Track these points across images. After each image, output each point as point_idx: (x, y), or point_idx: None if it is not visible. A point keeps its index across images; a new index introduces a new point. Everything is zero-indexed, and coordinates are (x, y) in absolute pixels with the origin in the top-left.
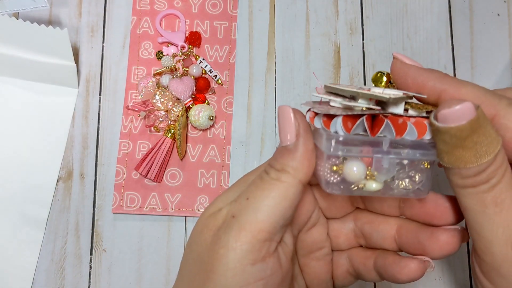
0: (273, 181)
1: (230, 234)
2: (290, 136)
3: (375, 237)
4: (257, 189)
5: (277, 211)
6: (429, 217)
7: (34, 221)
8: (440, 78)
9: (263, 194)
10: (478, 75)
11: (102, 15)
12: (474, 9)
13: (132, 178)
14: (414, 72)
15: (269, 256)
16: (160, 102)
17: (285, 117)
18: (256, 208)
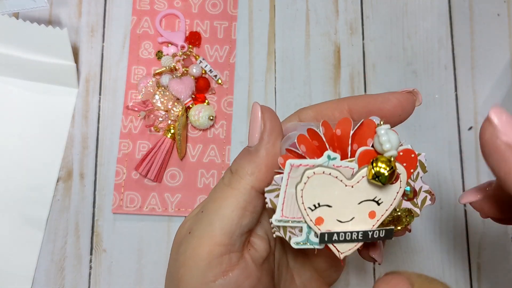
0: (225, 189)
1: (187, 251)
2: (253, 137)
3: None
4: (210, 199)
5: (231, 221)
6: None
7: (34, 221)
8: None
9: (215, 205)
10: (478, 75)
11: (102, 15)
12: (474, 9)
13: (132, 178)
14: None
15: (232, 269)
16: (160, 102)
17: (253, 116)
18: (209, 221)
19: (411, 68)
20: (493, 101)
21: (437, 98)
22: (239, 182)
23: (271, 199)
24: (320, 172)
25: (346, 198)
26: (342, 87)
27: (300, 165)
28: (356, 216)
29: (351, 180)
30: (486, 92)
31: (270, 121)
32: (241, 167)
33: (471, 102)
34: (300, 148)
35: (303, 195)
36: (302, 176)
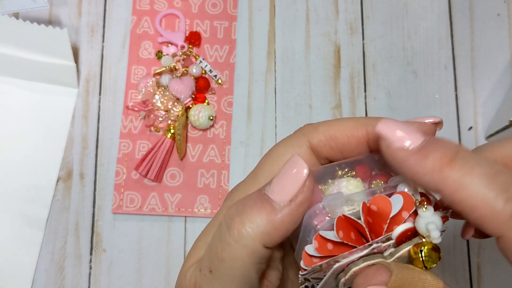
0: (235, 246)
1: None
2: (283, 196)
3: None
4: (217, 258)
5: (248, 279)
6: None
7: (34, 221)
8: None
9: (225, 266)
10: (478, 75)
11: (102, 15)
12: (474, 9)
13: (132, 178)
14: (411, 161)
15: None
16: (160, 102)
17: (292, 170)
18: (222, 285)
19: (411, 68)
20: (493, 101)
21: (437, 98)
22: (253, 240)
23: (305, 277)
24: (365, 266)
25: None
26: (342, 87)
27: (348, 263)
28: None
29: (390, 260)
30: (486, 92)
31: (309, 190)
32: (257, 222)
33: (471, 102)
34: (338, 234)
35: (345, 285)
36: (348, 271)
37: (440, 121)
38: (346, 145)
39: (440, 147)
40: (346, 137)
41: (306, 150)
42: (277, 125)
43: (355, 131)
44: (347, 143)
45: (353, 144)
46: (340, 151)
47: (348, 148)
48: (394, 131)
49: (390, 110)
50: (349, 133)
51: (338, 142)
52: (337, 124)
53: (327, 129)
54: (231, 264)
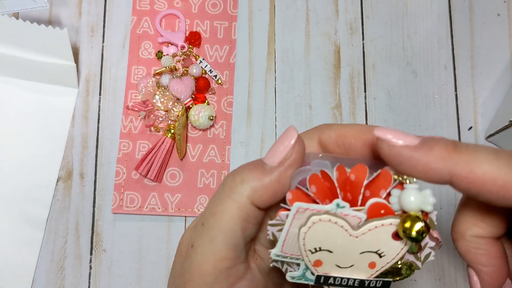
0: (226, 200)
1: (192, 268)
2: (275, 158)
3: None
4: (210, 212)
5: (234, 234)
6: None
7: (34, 221)
8: (446, 155)
9: (215, 219)
10: (478, 75)
11: (102, 15)
12: (474, 9)
13: (132, 178)
14: (410, 156)
15: (239, 281)
16: (160, 102)
17: (285, 138)
18: (212, 236)
19: (411, 68)
20: (493, 101)
21: (437, 98)
22: (241, 195)
23: (273, 233)
24: (326, 220)
25: (348, 246)
26: (342, 87)
27: (307, 209)
28: (355, 264)
29: (357, 231)
30: (486, 92)
31: (298, 154)
32: (247, 179)
33: (471, 102)
34: (310, 188)
35: (305, 238)
36: (308, 220)
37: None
38: (352, 145)
39: (439, 139)
40: (353, 138)
41: (315, 143)
42: (277, 125)
43: (362, 134)
44: (353, 143)
45: (358, 145)
46: (346, 150)
47: (354, 149)
48: (393, 133)
49: (390, 110)
50: (357, 135)
51: (346, 140)
52: (349, 126)
53: (339, 128)
54: (220, 217)
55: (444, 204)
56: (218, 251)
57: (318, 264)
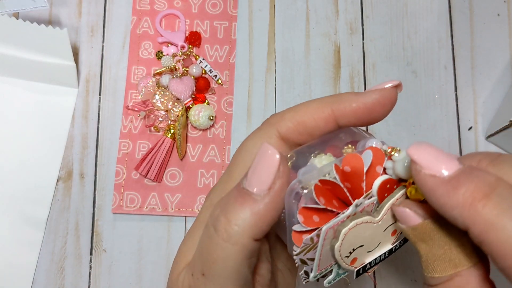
0: (225, 245)
1: None
2: (262, 185)
3: None
4: (208, 260)
5: (241, 275)
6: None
7: (34, 221)
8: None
9: (218, 266)
10: (478, 75)
11: (102, 15)
12: (474, 9)
13: (132, 178)
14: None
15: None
16: (160, 102)
17: (265, 160)
18: (220, 284)
19: (411, 68)
20: (493, 101)
21: (437, 98)
22: (241, 236)
23: (301, 258)
24: (354, 226)
25: (375, 233)
26: (342, 87)
27: (333, 226)
28: (382, 240)
29: (378, 217)
30: (486, 92)
31: (285, 174)
32: (239, 216)
33: (471, 102)
34: (320, 201)
35: (340, 250)
36: (339, 235)
37: (399, 84)
38: (315, 128)
39: (476, 178)
40: (313, 120)
41: (276, 140)
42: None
43: (321, 112)
44: (315, 126)
45: (321, 125)
46: (309, 134)
47: (317, 130)
48: (427, 155)
49: None
50: (316, 115)
51: (306, 126)
52: (303, 109)
53: (293, 115)
54: (223, 264)
55: None
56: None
57: (353, 262)
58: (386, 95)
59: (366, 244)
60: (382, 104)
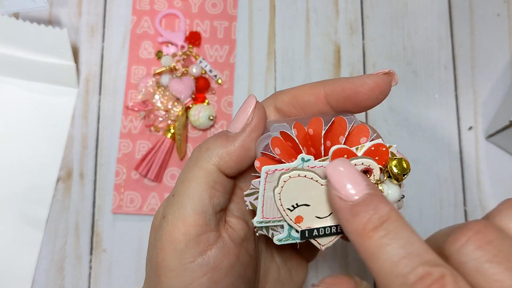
0: (193, 168)
1: (163, 236)
2: (237, 124)
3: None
4: (179, 181)
5: (202, 201)
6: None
7: (34, 221)
8: None
9: (183, 187)
10: (478, 75)
11: (102, 15)
12: (474, 9)
13: (132, 178)
14: None
15: (210, 248)
16: (160, 102)
17: (245, 106)
18: (180, 203)
19: (411, 68)
20: (493, 101)
21: (437, 98)
22: (207, 161)
23: (251, 202)
24: (296, 176)
25: (322, 196)
26: None
27: (275, 170)
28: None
29: (325, 180)
30: (486, 92)
31: (258, 118)
32: (212, 147)
33: (471, 102)
34: (275, 151)
35: (281, 198)
36: (279, 180)
37: (391, 72)
38: (307, 103)
39: (371, 210)
40: (306, 95)
41: (272, 110)
42: None
43: (314, 90)
44: (307, 101)
45: (312, 101)
46: (302, 109)
47: (309, 105)
48: (340, 177)
49: (390, 109)
50: (309, 92)
51: (299, 100)
52: (298, 87)
53: (290, 90)
54: (188, 184)
55: (445, 204)
56: (187, 217)
57: (299, 220)
58: (375, 79)
59: (313, 206)
60: (370, 88)
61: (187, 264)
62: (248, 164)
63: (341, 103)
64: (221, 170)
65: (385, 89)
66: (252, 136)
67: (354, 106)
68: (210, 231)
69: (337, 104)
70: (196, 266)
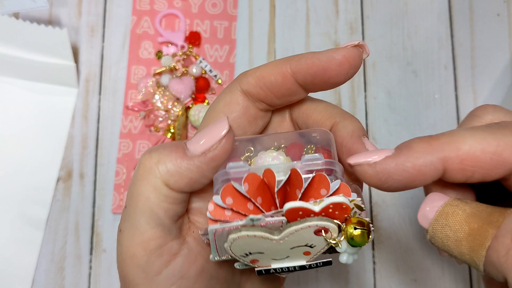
0: (142, 182)
1: (123, 252)
2: (199, 147)
3: None
4: (129, 193)
5: (154, 215)
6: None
7: (34, 221)
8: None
9: (133, 201)
10: (478, 75)
11: (102, 15)
12: (474, 9)
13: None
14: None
15: (173, 257)
16: (160, 102)
17: (215, 127)
18: (133, 218)
19: (411, 68)
20: (493, 101)
21: (437, 98)
22: (155, 177)
23: (208, 238)
24: (245, 236)
25: (276, 248)
26: (342, 86)
27: (222, 229)
28: (290, 256)
29: (279, 236)
30: (486, 92)
31: (223, 150)
32: (163, 161)
33: (471, 102)
34: (226, 200)
35: (232, 250)
36: (227, 239)
37: (361, 44)
38: (274, 82)
39: (412, 139)
40: (272, 75)
41: (239, 94)
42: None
43: (280, 68)
44: (274, 80)
45: (279, 80)
46: (269, 89)
47: (276, 85)
48: (366, 155)
49: (390, 109)
50: (275, 71)
51: (266, 80)
52: (264, 66)
53: (254, 71)
54: (137, 198)
55: None
56: (143, 232)
57: (255, 262)
58: (344, 53)
59: (267, 253)
60: (339, 63)
61: (153, 277)
62: (201, 187)
63: (309, 81)
64: (170, 187)
65: (356, 62)
66: (211, 165)
67: (323, 83)
68: (171, 240)
69: (305, 82)
70: (162, 278)
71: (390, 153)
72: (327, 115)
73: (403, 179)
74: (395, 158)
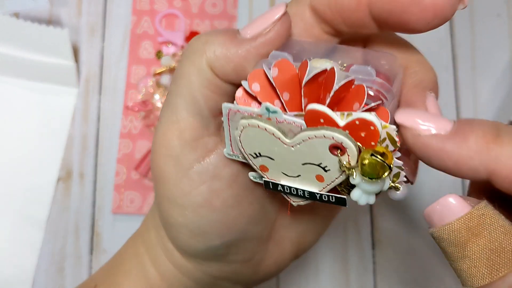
0: (187, 62)
1: (158, 139)
2: (250, 30)
3: None
4: (173, 78)
5: (195, 101)
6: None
7: (34, 221)
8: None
9: (175, 85)
10: (478, 75)
11: (102, 15)
12: (474, 9)
13: (132, 178)
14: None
15: (208, 154)
16: (160, 102)
17: (270, 12)
18: (173, 104)
19: None
20: (493, 101)
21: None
22: (201, 56)
23: None
24: (255, 125)
25: (286, 156)
26: None
27: (236, 111)
28: (302, 175)
29: (291, 140)
30: (486, 92)
31: (277, 33)
32: (211, 41)
33: (471, 102)
34: (253, 86)
35: (241, 142)
36: (238, 124)
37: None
38: (346, 7)
39: (478, 125)
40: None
41: (306, 8)
42: None
43: None
44: (347, 4)
45: (352, 6)
46: (339, 13)
47: (348, 10)
48: (420, 116)
49: None
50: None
51: (339, 2)
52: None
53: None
54: (179, 81)
55: None
56: (180, 120)
57: (264, 170)
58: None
59: (277, 161)
60: (423, 8)
61: (184, 171)
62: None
63: (384, 17)
64: (215, 72)
65: (444, 14)
66: (262, 51)
67: (399, 26)
68: (208, 135)
69: (380, 18)
70: (193, 173)
71: (445, 129)
72: (401, 56)
73: (439, 164)
74: (444, 142)
